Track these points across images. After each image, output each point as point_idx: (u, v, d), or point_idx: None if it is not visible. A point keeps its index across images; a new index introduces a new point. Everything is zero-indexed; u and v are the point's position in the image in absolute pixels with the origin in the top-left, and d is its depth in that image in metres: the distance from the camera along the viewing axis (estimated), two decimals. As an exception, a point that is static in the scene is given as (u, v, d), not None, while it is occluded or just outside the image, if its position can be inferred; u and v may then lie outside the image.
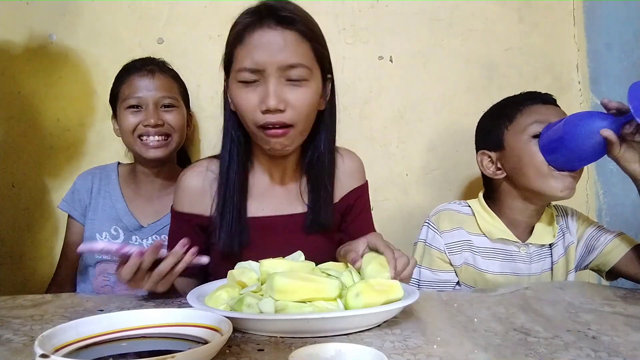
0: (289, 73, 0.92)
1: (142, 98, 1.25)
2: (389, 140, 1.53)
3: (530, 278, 1.12)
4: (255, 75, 0.93)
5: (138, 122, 1.24)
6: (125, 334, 0.63)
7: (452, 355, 0.61)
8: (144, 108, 1.25)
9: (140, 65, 1.28)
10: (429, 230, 1.15)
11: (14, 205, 1.46)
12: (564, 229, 1.17)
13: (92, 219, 1.29)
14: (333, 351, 0.56)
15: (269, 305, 0.69)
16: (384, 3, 1.52)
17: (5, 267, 1.45)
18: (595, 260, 1.13)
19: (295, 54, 0.92)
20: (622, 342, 0.67)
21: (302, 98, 0.93)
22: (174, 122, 1.27)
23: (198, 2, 1.49)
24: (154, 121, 1.23)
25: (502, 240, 1.13)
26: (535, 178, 1.07)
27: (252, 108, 0.93)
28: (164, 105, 1.27)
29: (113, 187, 1.31)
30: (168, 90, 1.28)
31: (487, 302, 0.87)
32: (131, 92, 1.25)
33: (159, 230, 1.27)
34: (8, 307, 0.84)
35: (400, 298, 0.73)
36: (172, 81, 1.32)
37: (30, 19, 1.45)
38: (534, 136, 1.08)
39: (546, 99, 1.14)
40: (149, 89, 1.25)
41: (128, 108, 1.25)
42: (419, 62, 1.53)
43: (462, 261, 1.12)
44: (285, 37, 0.92)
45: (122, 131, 1.27)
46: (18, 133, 1.46)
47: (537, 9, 1.56)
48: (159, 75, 1.28)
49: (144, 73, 1.27)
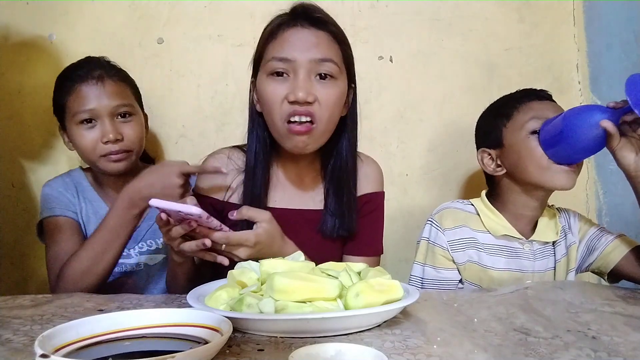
0: (319, 67, 0.95)
1: (95, 110, 1.12)
2: (389, 140, 1.53)
3: (534, 275, 1.13)
4: (286, 65, 0.95)
5: (96, 138, 1.12)
6: (125, 334, 0.63)
7: (452, 355, 0.61)
8: (98, 122, 1.13)
9: (85, 72, 1.14)
10: (432, 228, 1.16)
11: (14, 205, 1.46)
12: (567, 229, 1.17)
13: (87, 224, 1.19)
14: (333, 351, 0.56)
15: (269, 305, 0.69)
16: (384, 3, 1.52)
17: (5, 267, 1.45)
18: (596, 261, 1.14)
19: (327, 50, 0.97)
20: (622, 342, 0.67)
21: (330, 94, 0.96)
22: (133, 135, 1.15)
23: (198, 2, 1.48)
24: (113, 136, 1.11)
25: (506, 237, 1.13)
26: (536, 172, 1.08)
27: (279, 100, 0.95)
28: (120, 115, 1.15)
29: (89, 193, 1.21)
30: (122, 97, 1.16)
31: (487, 302, 0.87)
32: (80, 105, 1.12)
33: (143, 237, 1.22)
34: (8, 307, 0.84)
35: (400, 298, 0.73)
36: (124, 85, 1.19)
37: (30, 19, 1.45)
38: (532, 132, 1.09)
39: (542, 95, 1.15)
40: (100, 99, 1.12)
41: (80, 123, 1.12)
42: (419, 62, 1.53)
43: (465, 259, 1.13)
44: (318, 35, 0.97)
45: (78, 149, 1.15)
46: (18, 133, 1.46)
47: (537, 9, 1.56)
48: (109, 81, 1.15)
49: (91, 81, 1.13)
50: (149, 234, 1.22)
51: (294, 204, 1.08)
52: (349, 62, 1.02)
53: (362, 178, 1.11)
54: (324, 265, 0.83)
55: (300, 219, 1.06)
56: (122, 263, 1.19)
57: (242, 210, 0.91)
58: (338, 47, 0.99)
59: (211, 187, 1.08)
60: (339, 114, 1.01)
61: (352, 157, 1.07)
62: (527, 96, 1.15)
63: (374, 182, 1.13)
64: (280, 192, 1.08)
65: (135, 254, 1.21)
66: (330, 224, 1.05)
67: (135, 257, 1.21)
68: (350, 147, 1.06)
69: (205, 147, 1.47)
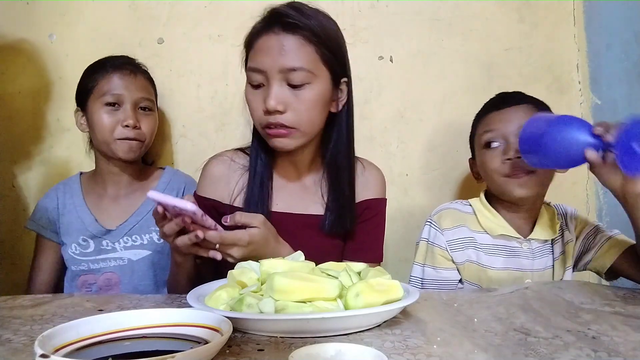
0: (289, 77, 0.95)
1: (122, 96, 1.21)
2: (389, 140, 1.53)
3: (533, 274, 1.13)
4: (260, 76, 0.97)
5: (115, 122, 1.20)
6: (125, 334, 0.63)
7: (452, 355, 0.61)
8: (122, 107, 1.21)
9: (120, 63, 1.25)
10: (431, 229, 1.16)
11: (14, 205, 1.46)
12: (564, 227, 1.18)
13: (63, 235, 1.26)
14: (333, 351, 0.56)
15: (269, 305, 0.69)
16: (384, 3, 1.52)
17: (5, 267, 1.45)
18: (593, 260, 1.14)
19: (296, 58, 0.95)
20: (622, 342, 0.67)
21: (302, 101, 0.96)
22: (148, 128, 1.25)
23: (198, 2, 1.48)
24: (133, 122, 1.20)
25: (503, 236, 1.14)
26: (492, 185, 1.14)
27: (257, 109, 0.98)
28: (141, 108, 1.25)
29: (77, 198, 1.27)
30: (147, 92, 1.26)
31: (487, 302, 0.87)
32: (110, 88, 1.21)
33: (129, 231, 1.25)
34: (8, 307, 0.84)
35: (400, 298, 0.73)
36: (149, 84, 1.30)
37: (30, 19, 1.45)
38: (485, 146, 1.13)
39: (504, 104, 1.14)
40: (129, 89, 1.22)
41: (104, 105, 1.21)
42: (419, 62, 1.53)
43: (464, 259, 1.13)
44: (287, 42, 0.96)
45: (96, 128, 1.21)
46: (18, 133, 1.46)
47: (537, 9, 1.56)
48: (140, 76, 1.26)
49: (125, 71, 1.23)
50: (136, 229, 1.25)
51: (296, 207, 1.08)
52: (332, 59, 1.00)
53: (363, 184, 1.11)
54: (324, 265, 0.84)
55: (303, 222, 1.06)
56: (107, 258, 1.24)
57: (235, 216, 0.91)
58: (312, 50, 0.97)
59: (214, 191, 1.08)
60: (322, 113, 1.01)
61: (347, 154, 1.06)
62: (487, 108, 1.19)
63: (375, 188, 1.13)
64: (283, 196, 1.08)
65: (120, 248, 1.24)
66: (328, 220, 1.05)
67: (120, 251, 1.24)
68: (344, 144, 1.06)
69: (205, 147, 1.48)
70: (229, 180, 1.08)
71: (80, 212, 1.26)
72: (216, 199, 1.08)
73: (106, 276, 1.23)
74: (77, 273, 1.24)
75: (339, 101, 1.04)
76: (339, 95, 1.04)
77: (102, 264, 1.23)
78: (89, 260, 1.24)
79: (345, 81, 1.04)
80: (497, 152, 1.11)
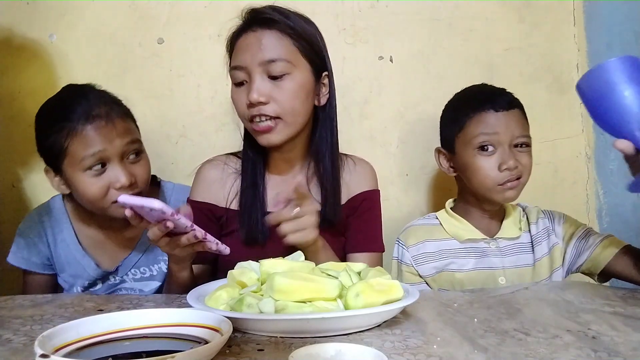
0: (269, 68, 0.98)
1: (104, 153, 0.99)
2: (389, 140, 1.53)
3: (505, 271, 1.14)
4: (242, 73, 1.00)
5: (107, 185, 1.00)
6: (125, 334, 0.63)
7: (452, 355, 0.61)
8: (108, 166, 1.01)
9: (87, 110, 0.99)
10: (399, 248, 1.20)
11: (14, 205, 1.46)
12: (550, 230, 1.18)
13: (61, 272, 1.15)
14: (333, 351, 0.56)
15: (269, 305, 0.69)
16: (384, 3, 1.52)
17: (5, 267, 1.45)
18: (586, 262, 1.14)
19: (274, 49, 0.98)
20: (622, 342, 0.67)
21: (284, 91, 0.99)
22: (144, 175, 1.06)
23: (198, 2, 1.48)
24: (127, 181, 1.00)
25: (470, 240, 1.16)
26: (480, 188, 1.13)
27: (242, 106, 1.01)
28: (130, 154, 1.04)
29: (68, 235, 1.13)
30: (131, 134, 1.04)
31: (487, 302, 0.87)
32: (88, 149, 0.98)
33: (135, 264, 1.16)
34: (8, 307, 0.84)
35: (400, 298, 0.73)
36: (130, 120, 1.07)
37: (30, 19, 1.45)
38: (479, 148, 1.11)
39: (500, 105, 1.11)
40: (111, 141, 0.99)
41: (87, 170, 0.99)
42: (419, 62, 1.53)
43: (433, 271, 1.16)
44: (264, 36, 0.99)
45: (84, 197, 1.02)
46: (18, 133, 1.46)
47: (537, 9, 1.56)
48: (117, 119, 1.02)
49: (98, 121, 0.99)
50: (142, 261, 1.17)
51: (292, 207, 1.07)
52: (311, 52, 1.02)
53: (357, 178, 1.12)
54: (324, 265, 0.84)
55: None
56: (119, 288, 1.18)
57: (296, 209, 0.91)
58: (289, 42, 0.99)
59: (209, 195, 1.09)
60: (305, 104, 1.02)
61: (331, 147, 1.07)
62: (483, 104, 1.12)
63: (369, 181, 1.15)
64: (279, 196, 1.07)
65: (129, 280, 1.18)
66: None
67: (130, 282, 1.19)
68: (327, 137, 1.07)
69: (205, 147, 1.48)
70: (223, 184, 1.09)
71: (77, 255, 1.14)
72: (212, 202, 1.08)
73: None
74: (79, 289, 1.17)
75: (321, 95, 1.06)
76: (321, 89, 1.06)
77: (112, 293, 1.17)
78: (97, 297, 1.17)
79: (326, 74, 1.06)
80: (493, 159, 1.10)
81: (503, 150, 1.10)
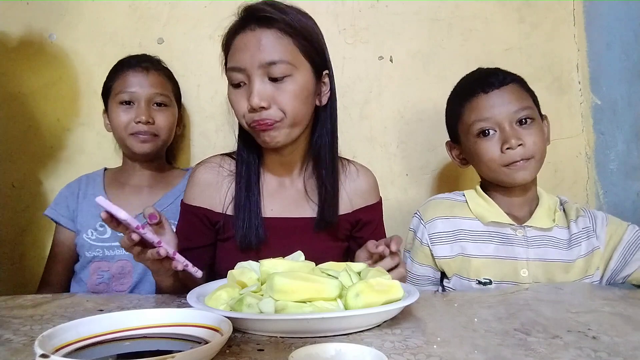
0: (269, 71, 0.94)
1: (135, 94, 1.25)
2: (389, 140, 1.53)
3: (529, 263, 1.07)
4: (240, 74, 0.96)
5: (130, 119, 1.25)
6: (125, 334, 0.63)
7: (452, 355, 0.61)
8: (135, 104, 1.25)
9: (135, 62, 1.29)
10: (417, 221, 1.17)
11: (14, 205, 1.46)
12: (590, 232, 1.10)
13: (80, 222, 1.28)
14: (333, 351, 0.56)
15: (269, 305, 0.69)
16: (384, 3, 1.52)
17: (5, 267, 1.45)
18: (634, 273, 1.06)
19: (274, 51, 0.94)
20: (622, 342, 0.67)
21: (286, 93, 0.95)
22: (163, 122, 1.28)
23: (198, 2, 1.49)
24: (145, 118, 1.24)
25: (495, 223, 1.11)
26: (489, 173, 1.11)
27: (241, 108, 0.97)
28: (156, 103, 1.28)
29: (97, 188, 1.31)
30: (161, 88, 1.29)
31: (487, 302, 0.87)
32: (124, 87, 1.26)
33: None
34: (8, 307, 0.84)
35: (400, 298, 0.73)
36: (165, 79, 1.32)
37: (30, 19, 1.45)
38: (478, 134, 1.09)
39: (489, 85, 1.10)
40: (142, 86, 1.26)
41: (120, 104, 1.26)
42: (419, 62, 1.53)
43: (450, 252, 1.11)
44: (263, 36, 0.95)
45: (113, 127, 1.28)
46: (18, 133, 1.46)
47: (537, 9, 1.56)
48: (153, 72, 1.29)
49: (138, 69, 1.27)
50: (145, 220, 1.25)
51: (290, 211, 1.06)
52: (310, 52, 0.99)
53: (361, 192, 1.11)
54: (324, 265, 0.84)
55: (297, 225, 1.05)
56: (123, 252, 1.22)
57: None
58: (290, 42, 0.96)
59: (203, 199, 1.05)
60: (307, 106, 0.99)
61: (330, 148, 1.05)
62: (473, 89, 1.12)
63: (373, 193, 1.13)
64: (276, 200, 1.06)
65: None
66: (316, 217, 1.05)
67: None
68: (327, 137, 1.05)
69: (205, 147, 1.48)
70: (218, 187, 1.05)
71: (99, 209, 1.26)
72: (207, 207, 1.05)
73: (120, 264, 1.24)
74: (90, 259, 1.24)
75: (322, 94, 1.03)
76: (322, 89, 1.03)
77: (117, 251, 1.24)
78: (104, 247, 1.24)
79: (327, 73, 1.03)
80: (494, 142, 1.08)
81: (503, 130, 1.07)
